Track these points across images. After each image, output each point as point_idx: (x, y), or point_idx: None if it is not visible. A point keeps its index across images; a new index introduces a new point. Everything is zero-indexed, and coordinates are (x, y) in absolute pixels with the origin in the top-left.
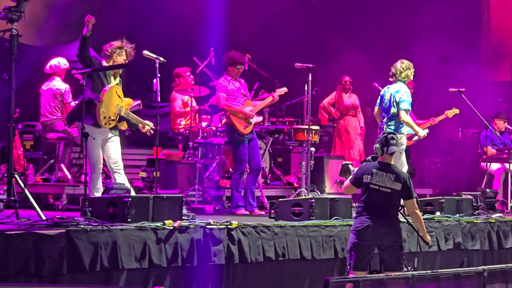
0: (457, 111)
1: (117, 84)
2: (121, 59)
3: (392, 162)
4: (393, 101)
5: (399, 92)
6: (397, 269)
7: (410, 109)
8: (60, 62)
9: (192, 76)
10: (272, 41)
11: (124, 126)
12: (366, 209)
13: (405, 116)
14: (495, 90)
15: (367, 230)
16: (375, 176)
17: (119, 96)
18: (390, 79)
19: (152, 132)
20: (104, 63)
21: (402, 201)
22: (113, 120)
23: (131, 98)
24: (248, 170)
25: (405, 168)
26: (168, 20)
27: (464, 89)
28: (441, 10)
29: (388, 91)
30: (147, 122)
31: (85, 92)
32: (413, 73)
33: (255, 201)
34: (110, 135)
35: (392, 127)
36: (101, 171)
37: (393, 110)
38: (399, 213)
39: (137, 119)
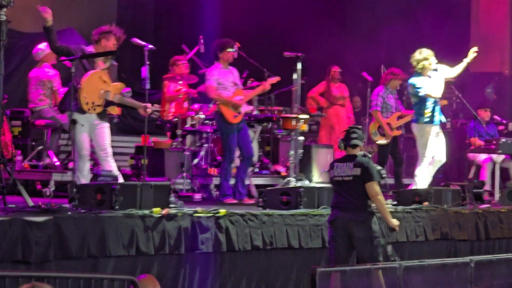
0: (445, 102)
1: (107, 68)
2: (109, 43)
3: (357, 154)
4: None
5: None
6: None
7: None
8: (46, 46)
9: (187, 64)
10: (262, 29)
11: (115, 111)
12: (336, 200)
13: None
14: (484, 81)
15: (338, 221)
16: (336, 169)
17: (105, 81)
18: (410, 70)
19: (156, 113)
20: (92, 49)
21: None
22: (98, 105)
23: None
24: (237, 159)
25: (426, 160)
26: (158, 7)
27: (453, 80)
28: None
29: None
30: (144, 104)
31: (73, 79)
32: (432, 63)
33: (245, 190)
34: (97, 121)
35: (414, 116)
36: (87, 157)
37: (413, 99)
38: (369, 205)
39: (133, 103)
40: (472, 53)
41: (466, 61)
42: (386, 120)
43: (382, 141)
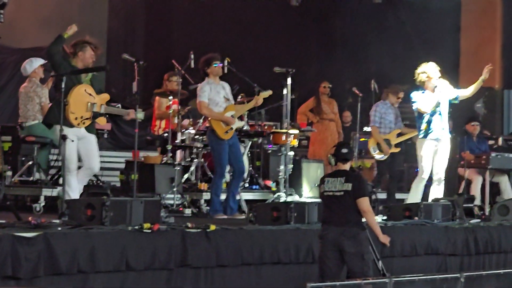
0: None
1: (90, 79)
2: (87, 55)
3: (347, 168)
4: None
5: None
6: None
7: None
8: (33, 62)
9: (178, 81)
10: (252, 45)
11: (102, 121)
12: (326, 215)
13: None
14: (474, 96)
15: (328, 236)
16: (327, 184)
17: (90, 94)
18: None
19: (140, 117)
20: (71, 61)
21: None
22: (87, 119)
23: (111, 101)
24: (227, 175)
25: (420, 174)
26: (148, 23)
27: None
28: (420, 15)
29: None
30: (128, 111)
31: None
32: (431, 77)
33: (236, 205)
34: (86, 134)
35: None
36: (75, 171)
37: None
38: (360, 220)
39: (118, 110)
40: (487, 70)
41: (481, 79)
42: (385, 136)
43: (380, 156)
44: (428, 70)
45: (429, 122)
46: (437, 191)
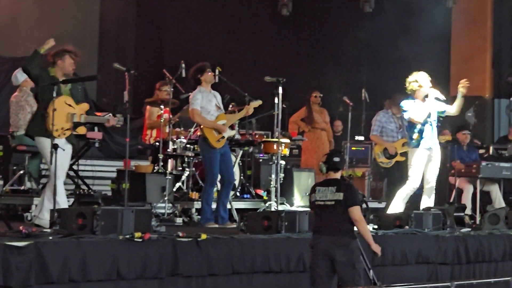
0: (448, 138)
1: (70, 89)
2: (66, 63)
3: (338, 177)
4: None
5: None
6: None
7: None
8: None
9: (170, 90)
10: (243, 54)
11: (82, 130)
12: (318, 225)
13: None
14: (464, 105)
15: (320, 245)
16: (318, 193)
17: (70, 105)
18: None
19: (119, 123)
20: (50, 71)
21: None
22: (68, 129)
23: (102, 111)
24: (219, 183)
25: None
26: (139, 32)
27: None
28: (411, 24)
29: None
30: (106, 117)
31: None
32: (422, 86)
33: (226, 214)
34: (65, 144)
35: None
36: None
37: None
38: (352, 229)
39: (98, 118)
40: (462, 85)
41: (460, 96)
42: (390, 144)
43: (385, 163)
44: (419, 79)
45: (421, 132)
46: (429, 200)
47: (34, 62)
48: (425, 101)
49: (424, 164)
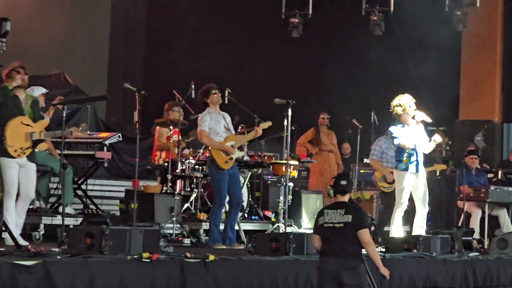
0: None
1: (30, 105)
2: (17, 79)
3: (346, 200)
4: None
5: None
6: None
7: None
8: (35, 90)
9: (180, 111)
10: (253, 76)
11: (43, 147)
12: (325, 248)
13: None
14: (474, 129)
15: (327, 267)
16: (326, 216)
17: (28, 124)
18: None
19: (84, 131)
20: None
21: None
22: (28, 148)
23: (111, 130)
24: (227, 205)
25: (400, 206)
26: (149, 53)
27: (442, 127)
28: (421, 47)
29: None
30: (70, 130)
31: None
32: (406, 110)
33: (234, 235)
34: (26, 163)
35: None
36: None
37: (393, 146)
38: (360, 252)
39: (58, 133)
40: (438, 136)
41: (431, 145)
42: (391, 169)
43: (386, 187)
44: (403, 103)
45: (409, 156)
46: (422, 225)
47: None
48: (410, 125)
49: (411, 188)
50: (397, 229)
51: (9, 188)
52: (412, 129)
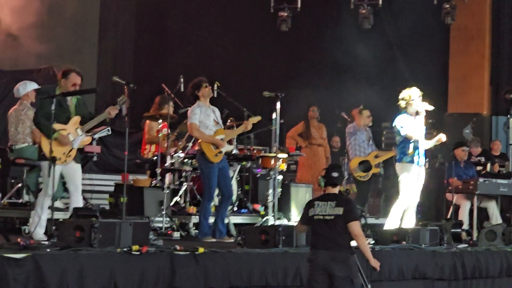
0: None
1: (75, 105)
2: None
3: (336, 192)
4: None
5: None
6: None
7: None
8: (28, 85)
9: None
10: (241, 69)
11: (86, 141)
12: (316, 240)
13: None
14: (462, 122)
15: (318, 259)
16: (317, 207)
17: (60, 129)
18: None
19: (120, 105)
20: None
21: None
22: (70, 151)
23: (100, 124)
24: (216, 198)
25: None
26: (138, 46)
27: (430, 120)
28: (409, 41)
29: None
30: (106, 112)
31: None
32: (413, 101)
33: (224, 228)
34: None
35: (398, 156)
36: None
37: (397, 138)
38: (350, 244)
39: (97, 119)
40: (438, 139)
41: (433, 142)
42: (364, 158)
43: (362, 176)
44: (411, 95)
45: (415, 148)
46: (412, 217)
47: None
48: (416, 117)
49: (414, 179)
50: (392, 221)
51: (48, 189)
52: (417, 121)
